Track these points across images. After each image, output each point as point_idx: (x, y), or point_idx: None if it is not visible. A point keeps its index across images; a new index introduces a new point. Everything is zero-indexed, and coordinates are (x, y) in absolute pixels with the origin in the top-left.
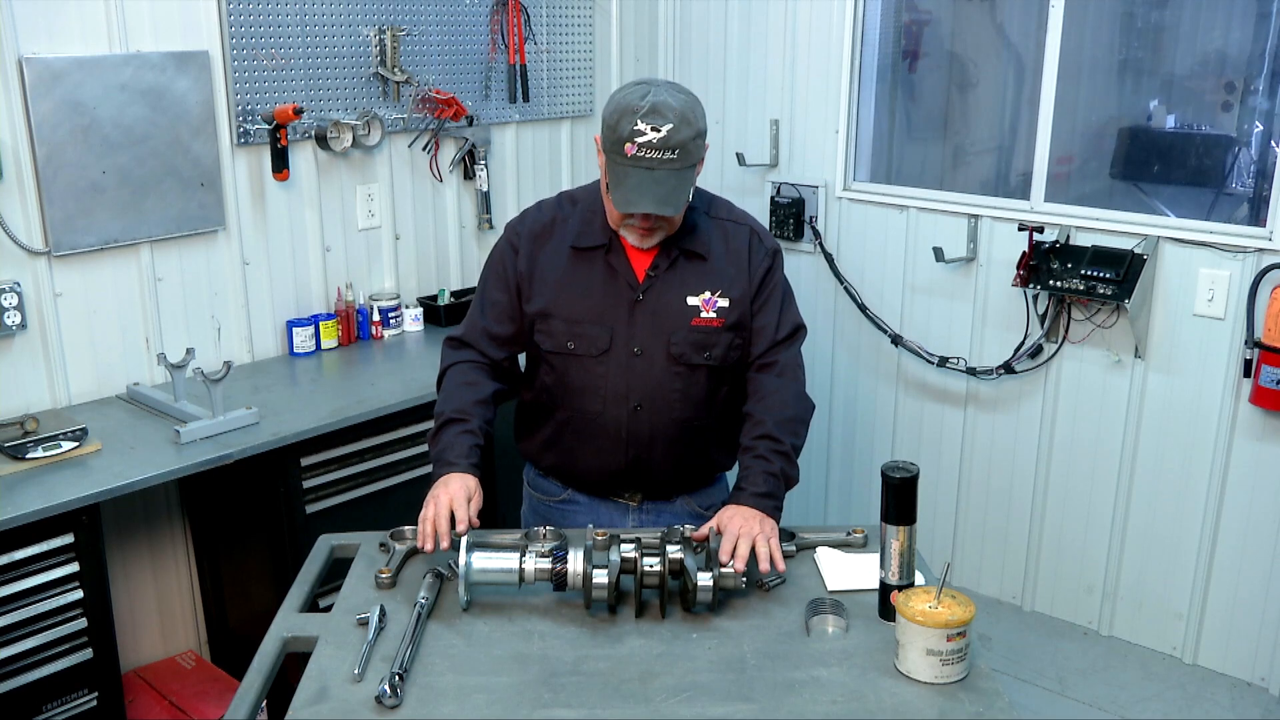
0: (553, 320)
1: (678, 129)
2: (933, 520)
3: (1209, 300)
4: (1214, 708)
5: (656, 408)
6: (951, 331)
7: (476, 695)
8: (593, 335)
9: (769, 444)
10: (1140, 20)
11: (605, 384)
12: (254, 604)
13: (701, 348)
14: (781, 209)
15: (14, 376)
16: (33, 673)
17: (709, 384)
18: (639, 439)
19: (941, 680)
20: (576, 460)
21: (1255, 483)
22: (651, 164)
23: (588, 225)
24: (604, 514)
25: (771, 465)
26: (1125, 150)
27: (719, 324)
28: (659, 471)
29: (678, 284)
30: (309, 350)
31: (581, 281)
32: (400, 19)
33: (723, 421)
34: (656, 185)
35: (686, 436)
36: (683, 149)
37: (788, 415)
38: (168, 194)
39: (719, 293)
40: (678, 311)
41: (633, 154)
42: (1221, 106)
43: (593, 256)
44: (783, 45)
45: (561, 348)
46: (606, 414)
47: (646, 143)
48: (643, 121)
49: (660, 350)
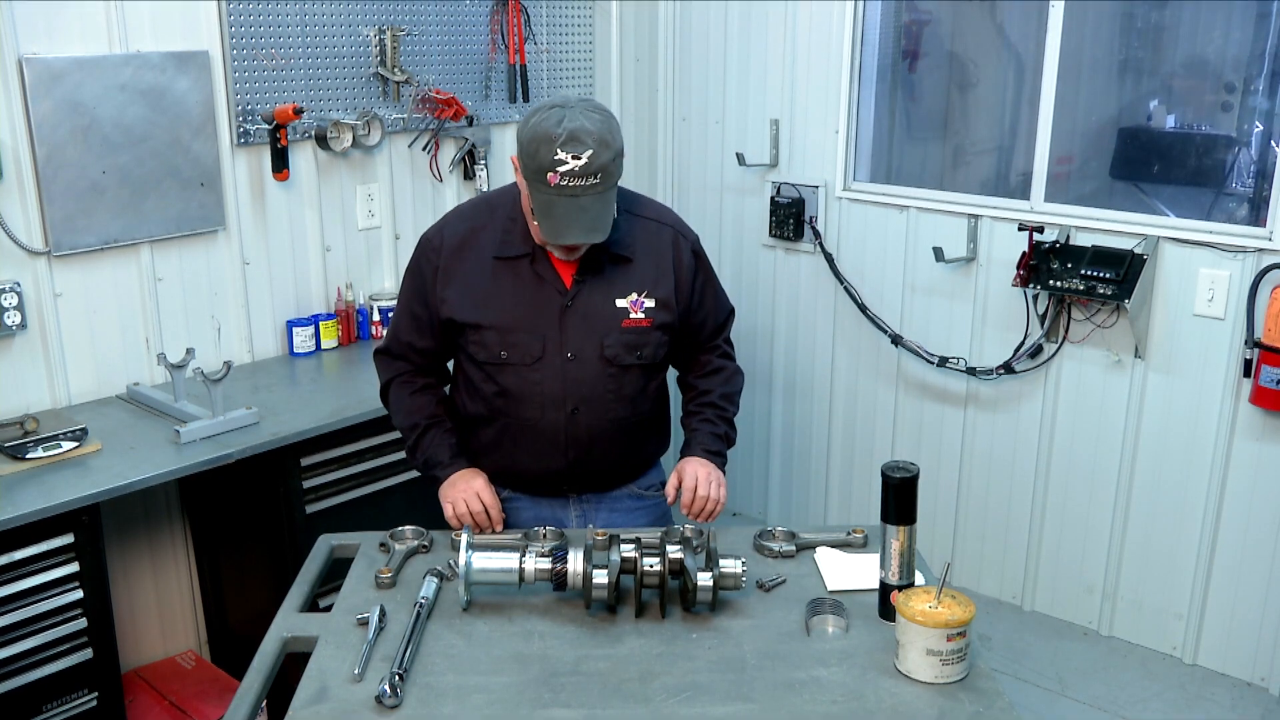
0: (484, 331)
1: (598, 154)
2: (933, 520)
3: (1209, 300)
4: (1214, 708)
5: (593, 410)
6: (951, 331)
7: (476, 695)
8: (525, 343)
9: (715, 411)
10: (1140, 20)
11: (541, 390)
12: (254, 604)
13: (633, 348)
14: (781, 209)
15: (14, 376)
16: (33, 673)
17: (641, 381)
18: (578, 441)
19: (941, 680)
20: (517, 464)
21: (1255, 483)
22: (575, 192)
23: (508, 235)
24: (546, 509)
25: (717, 428)
26: (1125, 150)
27: (648, 324)
28: (598, 469)
29: (605, 287)
30: (309, 350)
31: (508, 290)
32: (400, 19)
33: (655, 412)
34: (583, 213)
35: (623, 434)
36: (604, 172)
37: (729, 389)
38: (168, 194)
39: (645, 293)
40: (608, 314)
41: (555, 183)
42: (1221, 106)
43: (517, 265)
44: (783, 45)
45: (495, 357)
46: (544, 419)
47: (568, 171)
48: (562, 150)
49: (593, 353)
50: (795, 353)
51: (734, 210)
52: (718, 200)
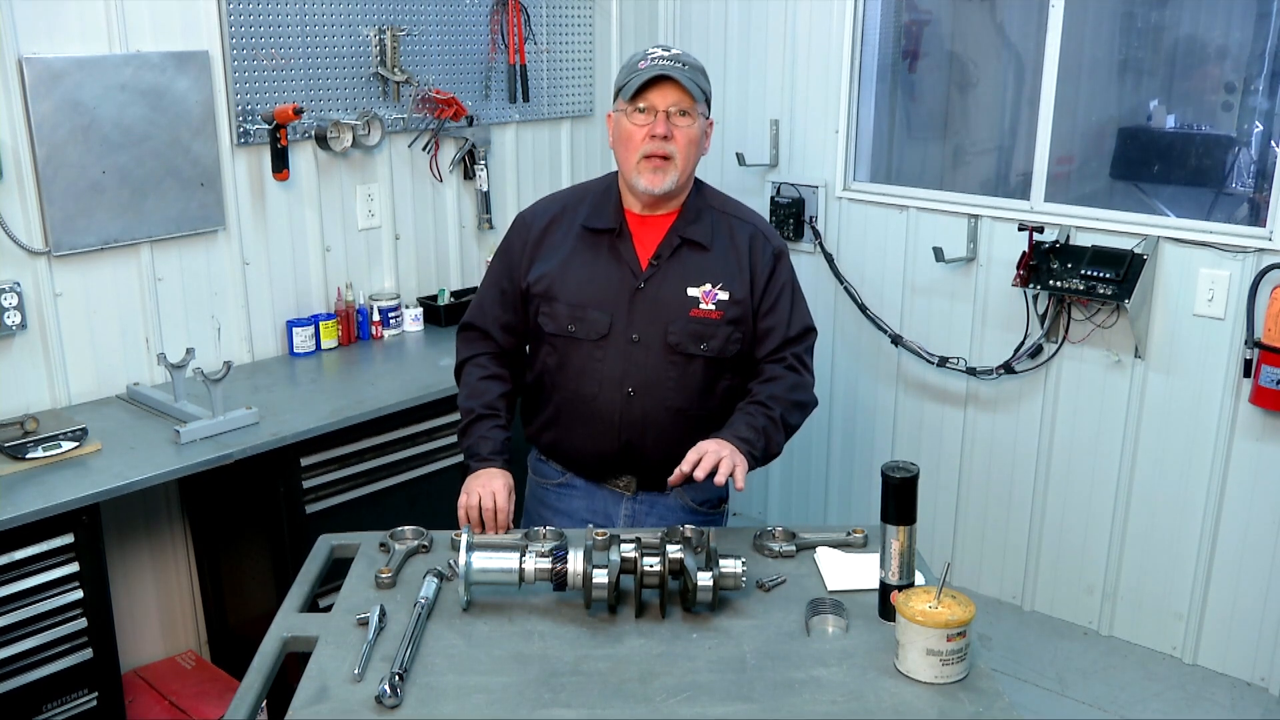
0: (556, 303)
1: (686, 55)
2: (933, 520)
3: (1209, 300)
4: (1214, 708)
5: (650, 395)
6: (951, 331)
7: (476, 695)
8: (593, 320)
9: (759, 408)
10: (1140, 20)
11: (602, 368)
12: (254, 604)
13: (699, 339)
14: (781, 209)
15: (14, 376)
16: (33, 673)
17: (705, 375)
18: (632, 424)
19: (941, 680)
20: (572, 441)
21: (1255, 483)
22: (665, 67)
23: (600, 208)
24: (599, 500)
25: (756, 421)
26: (1125, 150)
27: (718, 316)
28: (651, 458)
29: (679, 274)
30: (309, 350)
31: (586, 266)
32: (400, 19)
33: (722, 414)
34: (673, 73)
35: (680, 425)
36: (695, 67)
37: (786, 395)
38: (168, 194)
39: (719, 285)
40: (677, 301)
41: (646, 66)
42: (1221, 106)
43: (600, 241)
44: (783, 45)
45: (563, 330)
46: (601, 397)
47: (659, 56)
48: (654, 49)
49: (657, 339)
50: None
51: None
52: None
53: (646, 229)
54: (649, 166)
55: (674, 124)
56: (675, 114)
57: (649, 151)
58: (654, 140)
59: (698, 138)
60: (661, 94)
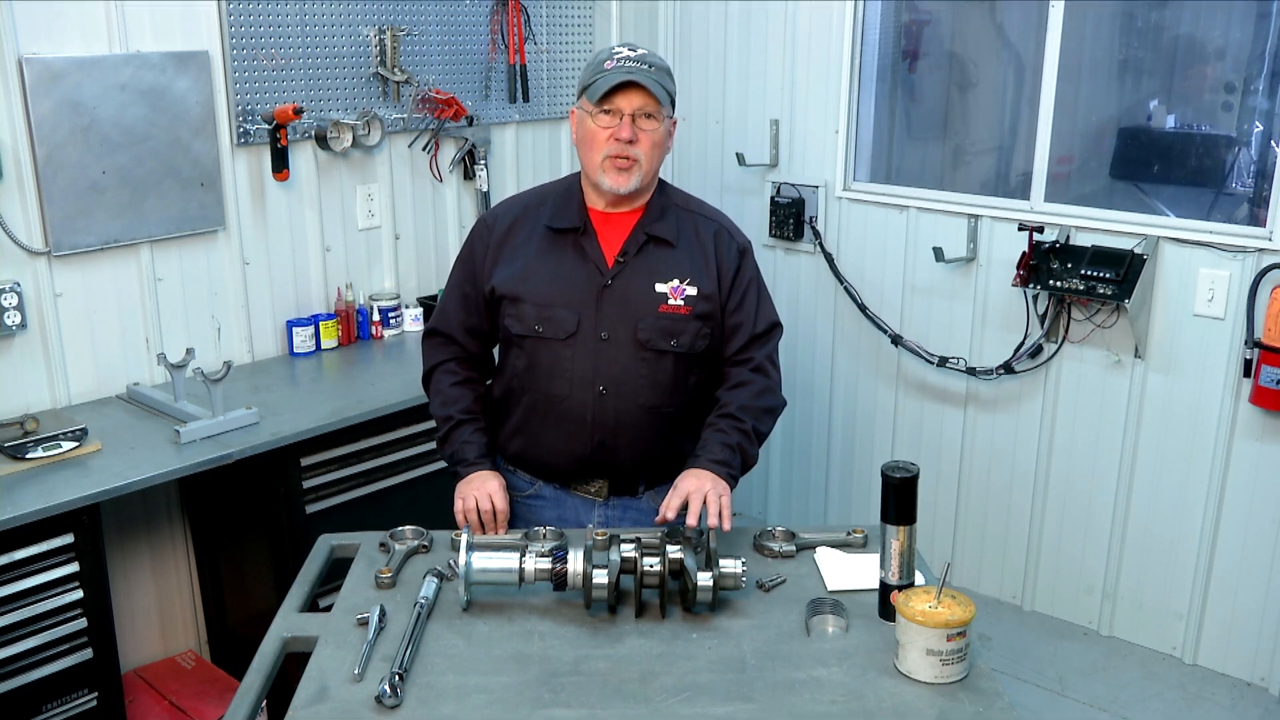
0: (523, 304)
1: (652, 56)
2: (933, 520)
3: (1209, 300)
4: (1214, 708)
5: (622, 393)
6: (951, 331)
7: (476, 695)
8: (560, 319)
9: (730, 422)
10: (1140, 20)
11: (572, 368)
12: (254, 604)
13: (668, 334)
14: (781, 209)
15: (14, 376)
16: (33, 673)
17: (676, 371)
18: (604, 424)
19: (941, 680)
20: (543, 445)
21: (1255, 483)
22: (631, 71)
23: (563, 208)
24: (570, 508)
25: (729, 438)
26: (1125, 150)
27: (686, 311)
28: (625, 459)
29: (646, 270)
30: (309, 350)
31: (551, 265)
32: (400, 19)
33: (692, 411)
34: (636, 76)
35: (653, 423)
36: (660, 69)
37: (754, 402)
38: (168, 194)
39: (686, 280)
40: (645, 298)
41: (612, 67)
42: (1221, 106)
43: (564, 240)
44: (783, 45)
45: (530, 331)
46: (572, 397)
47: (624, 58)
48: (619, 48)
49: (627, 336)
50: (795, 353)
51: (734, 210)
52: (717, 200)
53: (611, 227)
54: (613, 166)
55: (639, 127)
56: (641, 117)
57: (613, 153)
58: (618, 143)
59: (662, 139)
60: (627, 98)
